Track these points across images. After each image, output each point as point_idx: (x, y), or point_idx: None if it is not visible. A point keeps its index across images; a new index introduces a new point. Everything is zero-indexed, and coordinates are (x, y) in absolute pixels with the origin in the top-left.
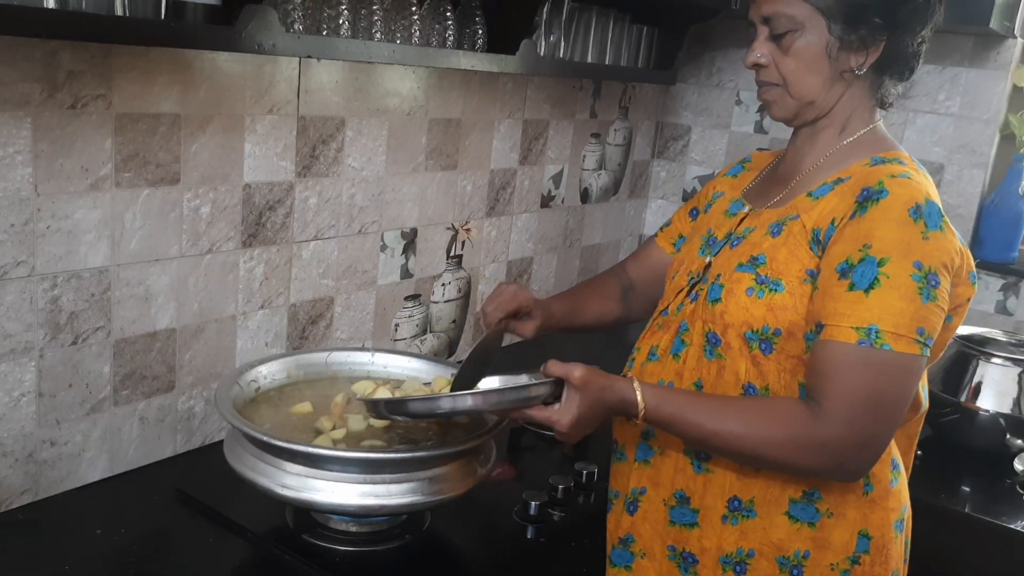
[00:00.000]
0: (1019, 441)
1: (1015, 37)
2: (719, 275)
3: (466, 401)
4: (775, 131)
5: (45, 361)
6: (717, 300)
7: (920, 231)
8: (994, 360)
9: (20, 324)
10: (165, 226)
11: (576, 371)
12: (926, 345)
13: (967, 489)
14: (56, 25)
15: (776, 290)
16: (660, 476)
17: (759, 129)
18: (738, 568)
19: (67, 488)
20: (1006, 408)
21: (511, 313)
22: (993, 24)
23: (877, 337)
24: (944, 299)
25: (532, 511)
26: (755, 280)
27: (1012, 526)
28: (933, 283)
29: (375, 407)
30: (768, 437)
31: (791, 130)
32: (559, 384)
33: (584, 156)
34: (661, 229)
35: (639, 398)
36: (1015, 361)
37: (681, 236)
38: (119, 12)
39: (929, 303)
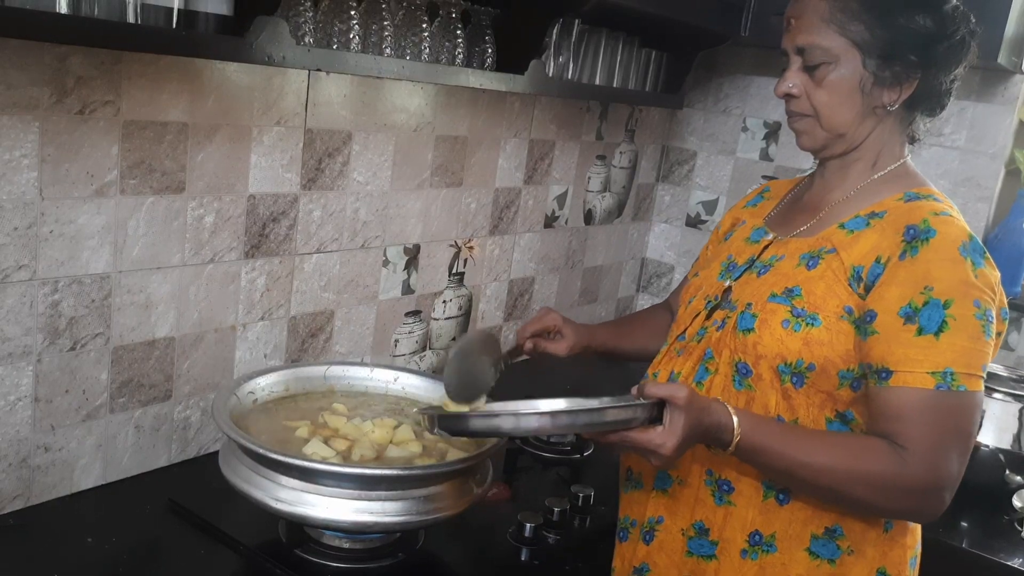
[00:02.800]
0: (1018, 477)
1: (1023, 73)
2: (749, 304)
3: (560, 420)
4: (780, 159)
5: (43, 366)
6: (749, 330)
7: (971, 269)
8: (995, 395)
9: (19, 328)
10: (168, 234)
11: (680, 391)
12: (984, 379)
13: (965, 525)
14: (68, 30)
15: (813, 324)
16: (679, 506)
17: (764, 156)
18: None
19: (59, 495)
20: (1006, 444)
21: (538, 332)
22: (1001, 59)
23: (953, 379)
24: (994, 333)
25: (527, 533)
26: (791, 312)
27: (1009, 563)
28: (990, 319)
29: (431, 422)
30: (857, 475)
31: (796, 157)
32: (658, 406)
33: (589, 178)
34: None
35: (735, 423)
36: (1016, 397)
37: None
38: (131, 19)
39: (988, 339)
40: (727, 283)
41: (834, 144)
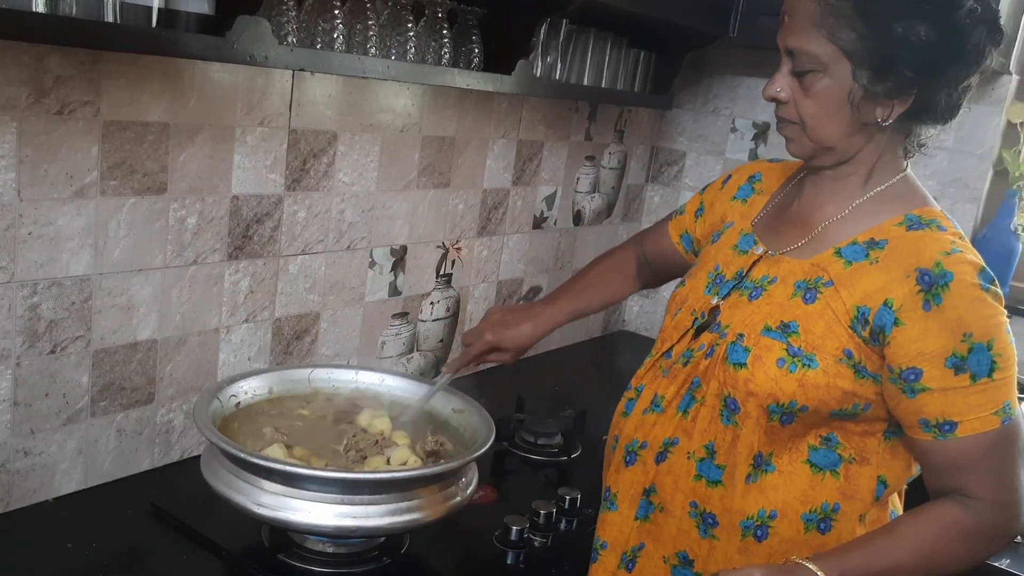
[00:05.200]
0: None
1: (1010, 74)
2: (741, 335)
3: None
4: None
5: (21, 369)
6: (741, 365)
7: (992, 299)
8: None
9: None
10: (150, 236)
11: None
12: None
13: None
14: (45, 30)
15: (809, 366)
16: (662, 534)
17: (753, 157)
18: None
19: (40, 500)
20: None
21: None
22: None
23: (1011, 410)
24: None
25: (513, 536)
26: (786, 351)
27: (997, 564)
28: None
29: None
30: (946, 556)
31: (785, 159)
32: None
33: (578, 178)
34: (677, 213)
35: None
36: None
37: (687, 232)
38: (109, 19)
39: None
40: (714, 300)
41: (823, 155)
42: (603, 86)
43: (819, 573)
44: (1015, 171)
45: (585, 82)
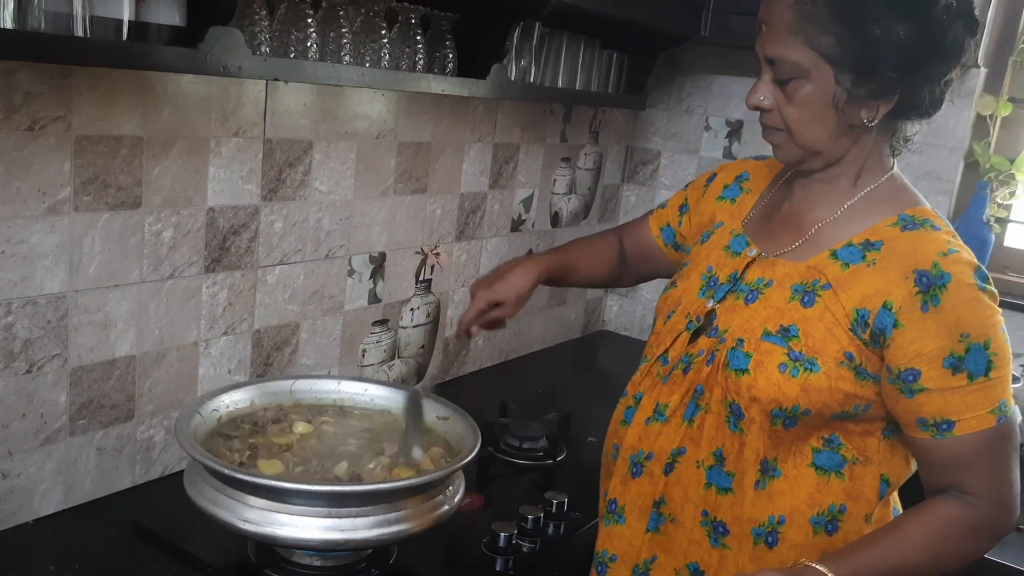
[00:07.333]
0: None
1: (979, 67)
2: (741, 340)
3: None
4: (744, 157)
5: None
6: (743, 371)
7: (988, 299)
8: None
9: None
10: (125, 251)
11: None
12: None
13: None
14: (13, 46)
15: (811, 370)
16: (673, 545)
17: (728, 155)
18: None
19: (19, 522)
20: None
21: (481, 315)
22: None
23: (1006, 407)
24: None
25: (501, 542)
26: (787, 355)
27: (997, 559)
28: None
29: None
30: (951, 555)
31: (761, 151)
32: None
33: (554, 180)
34: (659, 207)
35: None
36: None
37: (669, 225)
38: (79, 33)
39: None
40: (710, 303)
41: (811, 160)
42: (577, 88)
43: (829, 575)
44: (985, 163)
45: (559, 84)
